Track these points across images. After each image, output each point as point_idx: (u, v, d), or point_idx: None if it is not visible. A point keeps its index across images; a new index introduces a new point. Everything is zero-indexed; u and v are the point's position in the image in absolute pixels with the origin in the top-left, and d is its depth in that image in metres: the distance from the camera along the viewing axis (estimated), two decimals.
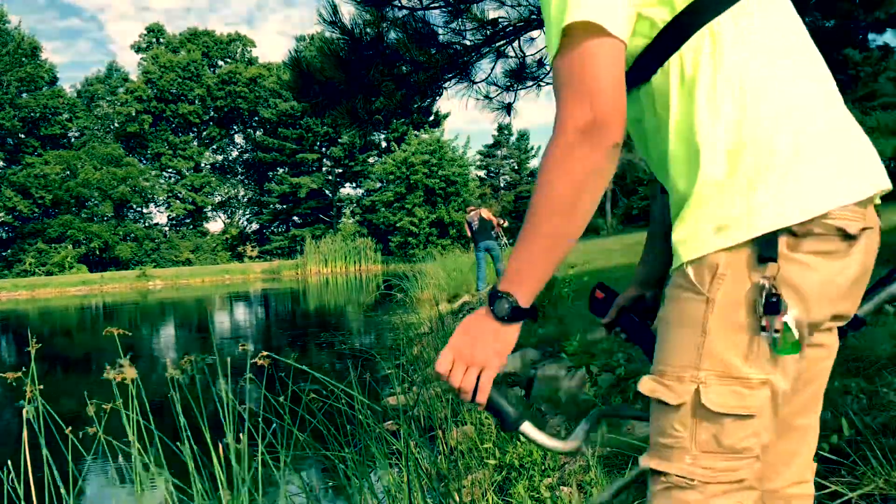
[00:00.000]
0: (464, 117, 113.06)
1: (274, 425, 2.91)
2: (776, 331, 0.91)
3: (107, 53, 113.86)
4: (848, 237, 0.95)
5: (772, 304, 0.91)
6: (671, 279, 1.02)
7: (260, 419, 2.90)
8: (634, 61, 1.02)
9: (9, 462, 2.51)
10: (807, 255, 0.93)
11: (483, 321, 1.00)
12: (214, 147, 58.60)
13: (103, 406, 2.71)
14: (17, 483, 2.45)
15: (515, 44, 4.78)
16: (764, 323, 0.92)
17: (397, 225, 43.38)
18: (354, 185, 55.89)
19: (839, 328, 1.10)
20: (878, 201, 1.05)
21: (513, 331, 0.99)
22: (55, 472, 2.47)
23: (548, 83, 4.99)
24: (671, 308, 1.01)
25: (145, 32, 58.55)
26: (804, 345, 0.97)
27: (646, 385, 1.01)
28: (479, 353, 1.00)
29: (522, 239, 0.96)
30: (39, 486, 2.50)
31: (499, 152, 57.99)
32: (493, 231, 12.57)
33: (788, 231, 0.92)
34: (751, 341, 0.94)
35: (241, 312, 20.62)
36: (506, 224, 13.90)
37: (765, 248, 0.92)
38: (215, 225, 59.52)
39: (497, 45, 4.72)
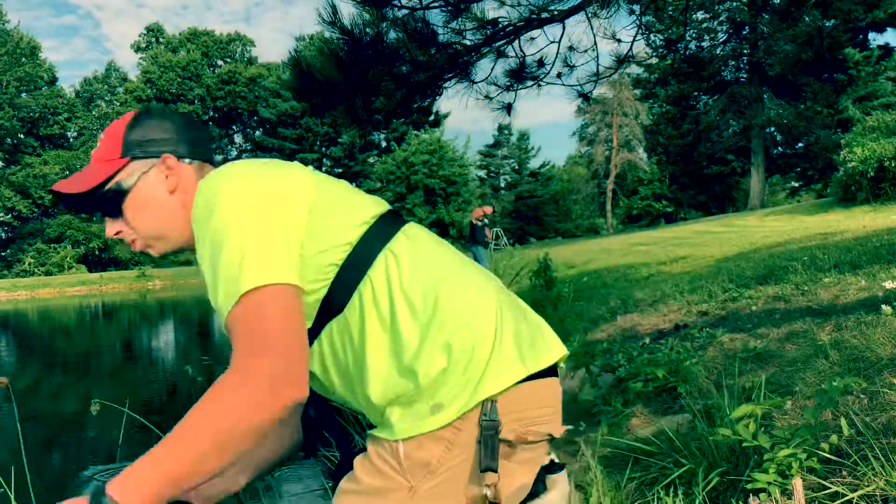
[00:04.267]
0: (464, 117, 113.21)
1: None
2: None
3: (103, 51, 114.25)
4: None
5: None
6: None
7: None
8: (323, 300, 1.05)
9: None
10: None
11: None
12: (214, 147, 58.53)
13: (93, 404, 2.70)
14: (12, 484, 2.45)
15: (515, 44, 4.77)
16: None
17: None
18: (354, 185, 55.60)
19: None
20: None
21: None
22: (54, 473, 2.47)
23: (549, 83, 4.99)
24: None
25: (144, 32, 58.65)
26: None
27: None
28: None
29: (160, 452, 0.88)
30: (38, 487, 2.49)
31: (499, 152, 58.01)
32: (482, 230, 12.89)
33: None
34: None
35: None
36: (490, 211, 14.08)
37: None
38: None
39: (497, 44, 4.72)
